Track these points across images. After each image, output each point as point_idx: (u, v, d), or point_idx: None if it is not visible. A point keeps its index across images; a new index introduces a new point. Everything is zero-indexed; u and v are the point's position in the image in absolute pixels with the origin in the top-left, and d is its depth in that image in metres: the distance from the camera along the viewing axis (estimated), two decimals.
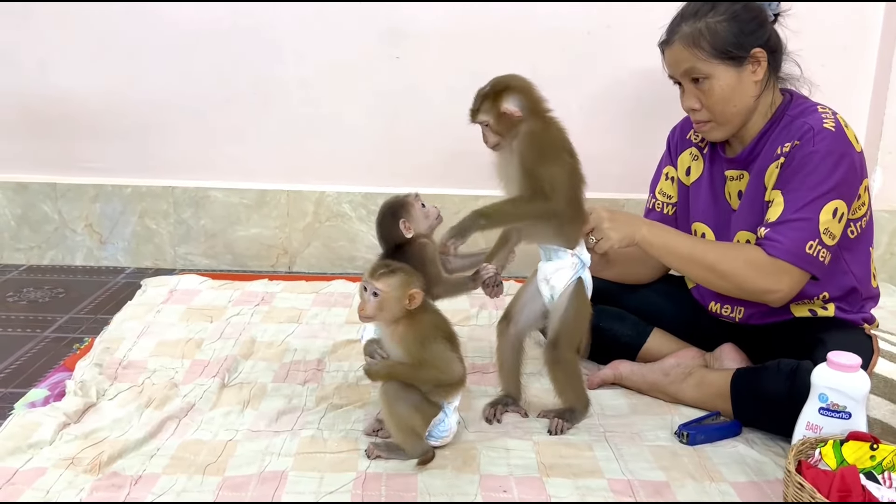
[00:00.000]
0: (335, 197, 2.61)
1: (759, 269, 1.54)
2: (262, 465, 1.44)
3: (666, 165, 1.87)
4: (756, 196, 1.64)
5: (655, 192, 1.88)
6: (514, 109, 1.49)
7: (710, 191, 1.75)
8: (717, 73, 1.57)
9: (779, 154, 1.58)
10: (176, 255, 2.66)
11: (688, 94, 1.64)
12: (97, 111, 2.56)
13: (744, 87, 1.59)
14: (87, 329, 2.11)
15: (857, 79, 2.50)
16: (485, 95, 1.51)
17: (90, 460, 1.43)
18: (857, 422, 1.35)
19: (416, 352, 1.41)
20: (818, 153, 1.52)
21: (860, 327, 1.64)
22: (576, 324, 1.56)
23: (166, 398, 1.67)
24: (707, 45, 1.56)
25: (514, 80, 1.53)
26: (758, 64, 1.58)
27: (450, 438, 1.50)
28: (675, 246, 1.61)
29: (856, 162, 1.56)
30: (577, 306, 1.55)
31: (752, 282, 1.56)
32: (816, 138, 1.53)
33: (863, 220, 1.63)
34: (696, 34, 1.57)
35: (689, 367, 1.70)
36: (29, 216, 2.63)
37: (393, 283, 1.40)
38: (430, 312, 1.47)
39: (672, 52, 1.62)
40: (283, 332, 2.07)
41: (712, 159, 1.75)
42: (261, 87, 2.54)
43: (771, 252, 1.53)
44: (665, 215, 1.85)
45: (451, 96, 2.51)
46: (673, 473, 1.45)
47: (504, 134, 1.51)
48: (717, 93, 1.58)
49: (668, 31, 1.63)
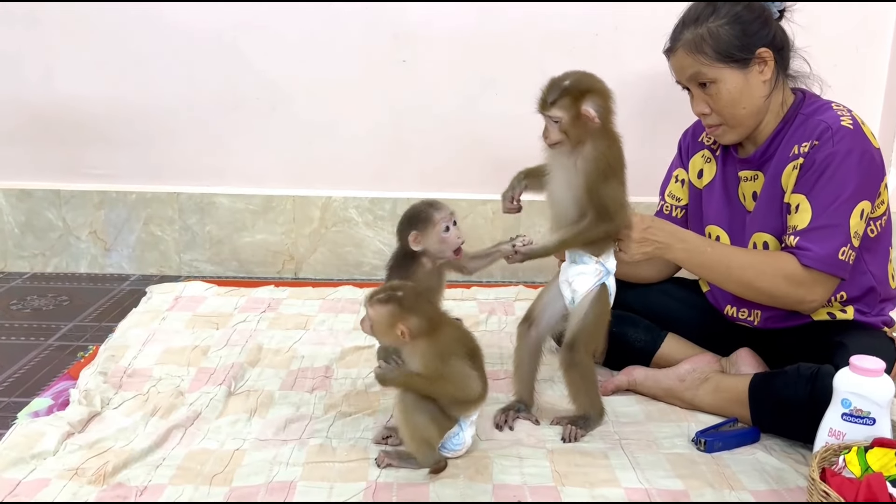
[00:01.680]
0: (342, 202, 2.59)
1: (795, 281, 1.52)
2: (271, 475, 1.41)
3: (677, 168, 1.85)
4: (773, 197, 1.61)
5: (665, 194, 1.86)
6: (595, 115, 1.43)
7: (723, 193, 1.72)
8: (723, 76, 1.55)
9: (796, 154, 1.56)
10: (181, 262, 2.64)
11: (696, 99, 1.62)
12: (101, 117, 2.54)
13: (752, 89, 1.56)
14: (92, 337, 2.09)
15: (870, 79, 2.47)
16: (566, 90, 1.44)
17: (94, 471, 1.40)
18: (881, 428, 1.32)
19: (434, 366, 1.37)
20: (839, 153, 1.50)
21: (881, 330, 1.61)
22: (595, 328, 1.53)
23: (172, 406, 1.64)
24: (710, 50, 1.54)
25: (598, 83, 1.47)
26: (764, 64, 1.56)
27: (462, 452, 1.46)
28: (712, 265, 1.59)
29: (876, 158, 1.53)
30: (598, 311, 1.53)
31: (787, 293, 1.54)
32: (836, 137, 1.50)
33: (882, 218, 1.61)
34: (698, 40, 1.55)
35: (704, 372, 1.67)
36: (33, 223, 2.61)
37: (382, 314, 1.37)
38: (452, 326, 1.43)
39: (676, 59, 1.60)
40: (290, 339, 2.04)
41: (725, 161, 1.73)
42: (266, 91, 2.51)
43: (805, 262, 1.50)
44: (674, 218, 1.83)
45: (458, 100, 2.51)
46: (691, 482, 1.42)
47: (572, 136, 1.45)
48: (725, 96, 1.56)
49: (670, 38, 1.62)
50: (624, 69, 2.45)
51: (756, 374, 1.59)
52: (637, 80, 2.45)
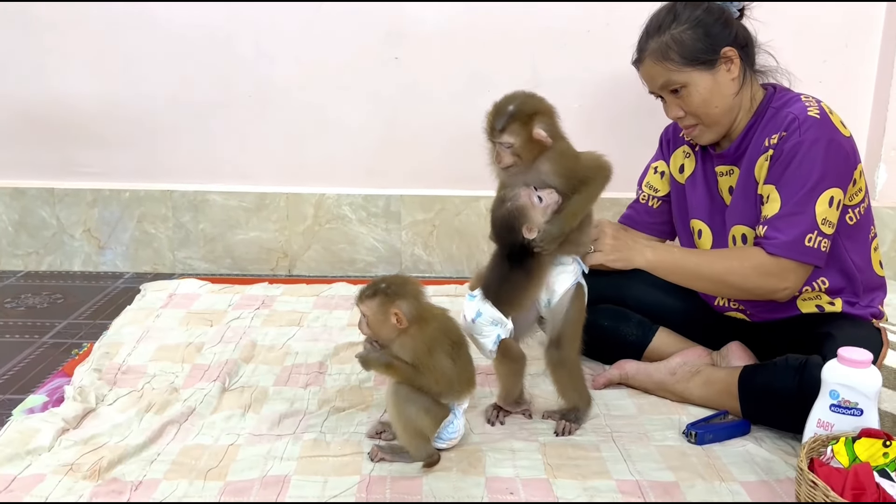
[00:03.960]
0: (335, 199, 2.59)
1: (764, 271, 1.54)
2: (265, 470, 1.42)
3: (657, 160, 1.88)
4: (747, 189, 1.63)
5: (643, 184, 1.89)
6: (545, 136, 1.44)
7: (704, 187, 1.75)
8: (693, 79, 1.58)
9: (767, 146, 1.58)
10: (175, 260, 2.64)
11: (670, 104, 1.65)
12: (95, 115, 2.54)
13: (721, 87, 1.59)
14: (86, 334, 2.09)
15: (860, 75, 2.48)
16: (513, 115, 1.45)
17: (89, 466, 1.40)
18: (868, 418, 1.33)
19: (421, 357, 1.39)
20: (805, 143, 1.52)
21: (869, 322, 1.63)
22: (577, 324, 1.55)
23: (166, 403, 1.65)
24: (676, 56, 1.57)
25: (542, 103, 1.48)
26: (731, 62, 1.59)
27: (457, 440, 1.48)
28: (681, 266, 1.62)
29: (844, 146, 1.55)
30: (578, 308, 1.54)
31: (758, 284, 1.56)
32: (802, 127, 1.53)
33: (861, 206, 1.62)
34: (663, 48, 1.58)
35: (695, 365, 1.69)
36: (27, 222, 2.61)
37: (373, 307, 1.39)
38: (439, 318, 1.44)
39: (645, 69, 1.63)
40: (283, 336, 2.04)
41: (703, 157, 1.76)
42: (259, 89, 2.52)
43: (771, 251, 1.53)
44: (650, 207, 1.86)
45: (451, 96, 2.52)
46: (682, 474, 1.43)
47: (525, 157, 1.45)
48: (697, 98, 1.59)
49: (637, 49, 1.65)
50: (616, 65, 2.45)
51: (746, 367, 1.60)
52: (630, 76, 2.44)
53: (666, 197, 1.86)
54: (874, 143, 2.49)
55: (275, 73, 2.50)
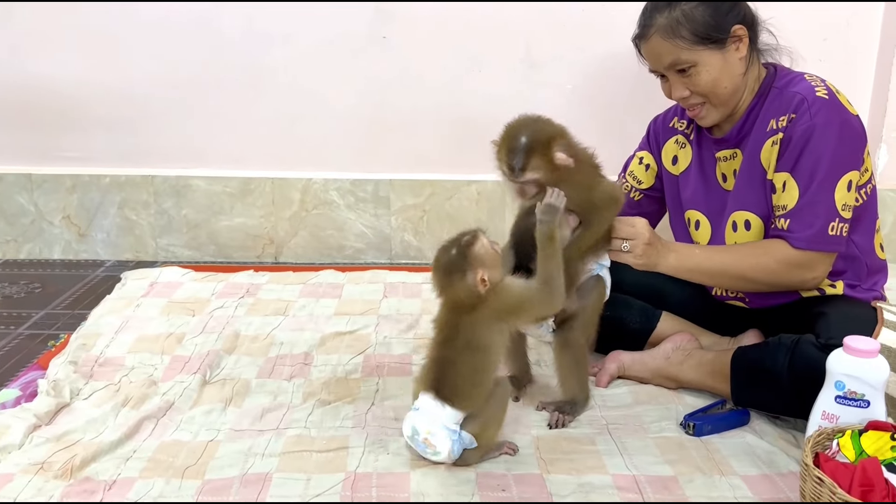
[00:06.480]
0: (322, 184, 2.52)
1: (792, 265, 1.51)
2: (245, 467, 1.36)
3: (642, 150, 1.82)
4: (752, 174, 1.58)
5: (626, 173, 1.83)
6: (568, 159, 1.39)
7: (700, 176, 1.70)
8: (703, 58, 1.52)
9: (774, 129, 1.53)
10: (157, 247, 2.57)
11: (675, 84, 1.57)
12: (73, 98, 2.45)
13: (731, 67, 1.54)
14: (64, 325, 2.02)
15: (860, 54, 2.42)
16: (529, 150, 1.38)
17: (61, 465, 1.34)
18: (875, 410, 1.27)
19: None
20: (818, 126, 1.47)
21: (867, 302, 1.59)
22: (592, 312, 1.52)
23: (144, 397, 1.58)
24: (687, 33, 1.50)
25: (551, 126, 1.43)
26: (740, 41, 1.54)
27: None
28: (706, 267, 1.57)
29: (855, 126, 1.51)
30: (596, 297, 1.52)
31: (788, 278, 1.54)
32: (812, 109, 1.48)
33: (867, 186, 1.58)
34: (673, 24, 1.51)
35: (686, 349, 1.66)
36: (4, 208, 2.53)
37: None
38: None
39: (650, 45, 1.55)
40: (268, 325, 1.98)
41: (700, 143, 1.70)
42: (243, 71, 2.44)
43: (797, 245, 1.49)
44: (631, 200, 1.81)
45: (441, 77, 2.44)
46: (680, 467, 1.38)
47: (550, 182, 1.38)
48: (706, 78, 1.53)
49: (640, 24, 1.57)
50: (615, 43, 2.37)
51: (739, 347, 1.57)
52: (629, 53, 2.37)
53: (649, 191, 1.81)
54: (875, 124, 2.43)
55: (259, 54, 2.42)
